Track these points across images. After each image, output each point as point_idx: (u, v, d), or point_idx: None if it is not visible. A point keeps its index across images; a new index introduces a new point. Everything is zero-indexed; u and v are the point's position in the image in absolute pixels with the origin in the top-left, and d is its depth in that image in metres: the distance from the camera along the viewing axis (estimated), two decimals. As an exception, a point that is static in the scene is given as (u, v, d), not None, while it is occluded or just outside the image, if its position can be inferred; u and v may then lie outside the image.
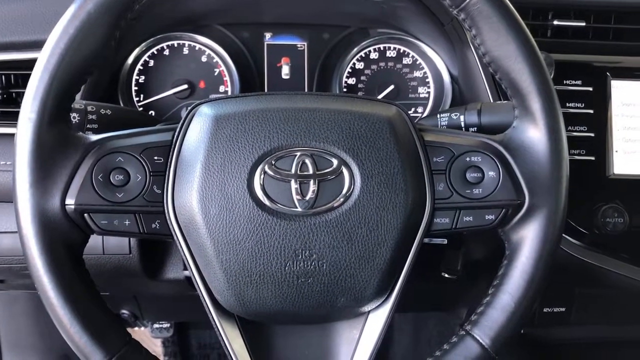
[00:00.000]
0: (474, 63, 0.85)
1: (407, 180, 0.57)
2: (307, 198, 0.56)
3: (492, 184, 0.60)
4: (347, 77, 0.96)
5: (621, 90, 0.84)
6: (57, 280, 0.55)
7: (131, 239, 0.81)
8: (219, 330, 0.59)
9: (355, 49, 0.95)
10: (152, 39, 0.91)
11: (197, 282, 0.58)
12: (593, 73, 0.85)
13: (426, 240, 0.85)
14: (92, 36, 0.55)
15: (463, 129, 0.73)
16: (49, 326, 1.27)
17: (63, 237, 0.56)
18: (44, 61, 0.55)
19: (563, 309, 0.95)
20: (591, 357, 1.03)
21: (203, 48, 0.93)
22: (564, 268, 0.86)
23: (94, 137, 0.58)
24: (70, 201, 0.56)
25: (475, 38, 0.60)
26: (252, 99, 0.60)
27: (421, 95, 0.98)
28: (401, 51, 0.97)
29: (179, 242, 0.57)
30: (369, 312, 0.61)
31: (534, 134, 0.59)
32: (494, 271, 0.64)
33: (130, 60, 0.90)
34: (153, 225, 0.58)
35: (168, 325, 1.33)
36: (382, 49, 0.97)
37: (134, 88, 0.92)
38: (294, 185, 0.56)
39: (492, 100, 0.83)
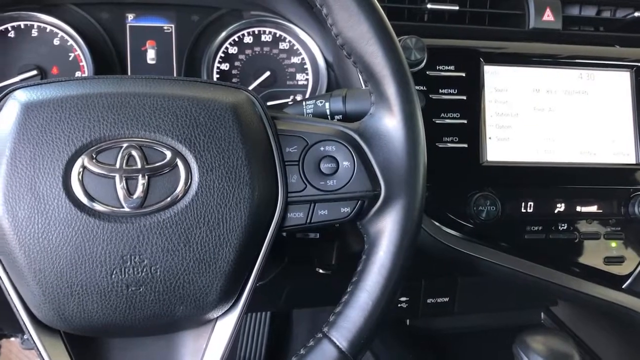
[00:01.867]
0: (346, 47, 0.81)
1: (253, 172, 0.52)
2: (135, 196, 0.49)
3: (347, 175, 0.56)
4: (220, 63, 0.90)
5: (494, 76, 0.83)
6: None
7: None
8: (39, 350, 0.51)
9: (225, 33, 0.88)
10: (-10, 19, 0.81)
11: (9, 295, 0.50)
12: (466, 58, 0.83)
13: (300, 235, 0.81)
14: None
15: (329, 117, 0.69)
16: None
17: None
18: None
19: (446, 299, 0.94)
20: (474, 345, 1.03)
21: (55, 30, 0.84)
22: (444, 259, 0.85)
23: None
24: None
25: (327, 18, 0.55)
26: (73, 84, 0.53)
27: (300, 82, 0.93)
28: (277, 35, 0.92)
29: None
30: (216, 319, 0.55)
31: (389, 121, 0.55)
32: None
33: (-36, 42, 0.80)
34: None
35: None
36: (256, 32, 0.91)
37: (-27, 74, 0.81)
38: (119, 181, 0.49)
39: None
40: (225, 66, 0.90)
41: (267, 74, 0.91)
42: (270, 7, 0.89)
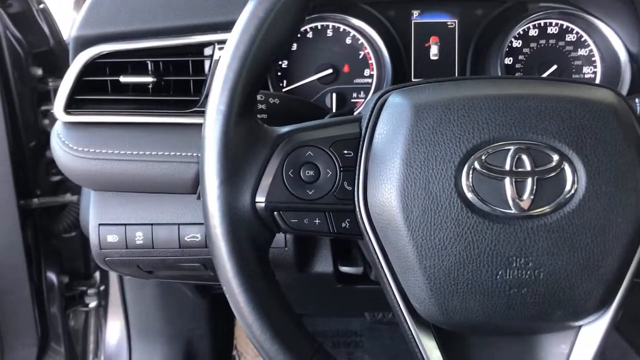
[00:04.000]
0: (666, 39, 0.74)
1: (637, 177, 0.50)
2: (524, 198, 0.49)
3: None
4: (504, 57, 0.88)
5: None
6: (247, 285, 0.51)
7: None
8: (416, 341, 0.54)
9: (511, 26, 0.86)
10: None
11: (391, 287, 0.53)
12: None
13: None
14: (282, 20, 0.51)
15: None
16: (175, 312, 1.29)
17: (251, 237, 0.52)
18: (233, 48, 0.50)
19: None
20: None
21: (347, 29, 0.88)
22: None
23: (281, 130, 0.54)
24: (260, 199, 0.52)
25: None
26: (450, 85, 0.54)
27: (586, 76, 0.88)
28: (564, 27, 0.87)
29: (372, 244, 0.52)
30: (580, 325, 0.54)
31: None
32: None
33: (277, 44, 0.86)
34: (343, 225, 0.53)
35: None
36: (542, 25, 0.88)
37: (278, 74, 0.88)
38: (508, 183, 0.49)
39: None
40: (508, 60, 0.88)
41: (554, 67, 0.87)
42: (564, -3, 0.85)
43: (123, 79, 0.75)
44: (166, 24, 0.76)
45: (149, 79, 0.75)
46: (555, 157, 0.49)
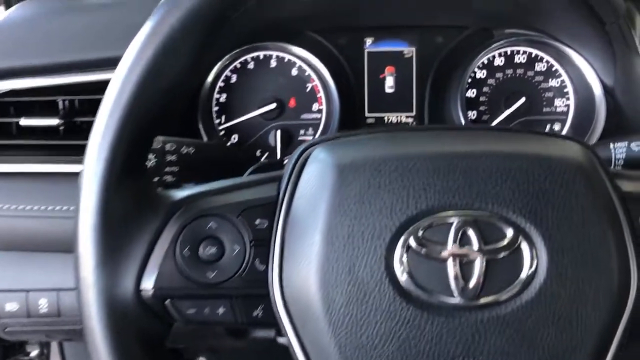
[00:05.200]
0: (643, 72, 0.66)
1: (611, 255, 0.40)
2: (472, 284, 0.40)
3: None
4: (466, 89, 0.79)
5: None
6: None
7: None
8: None
9: (474, 55, 0.77)
10: (235, 51, 0.77)
11: None
12: None
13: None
14: (175, 57, 0.42)
15: (650, 165, 0.55)
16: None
17: (138, 332, 0.42)
18: (116, 92, 0.41)
19: None
20: None
21: (293, 60, 0.79)
22: None
23: (178, 195, 0.44)
24: (147, 285, 0.42)
25: None
26: (382, 140, 0.45)
27: (558, 109, 0.79)
28: (533, 55, 0.79)
29: (290, 338, 0.43)
30: None
31: None
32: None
33: (210, 77, 0.76)
34: (255, 313, 0.44)
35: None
36: (508, 53, 0.79)
37: (214, 109, 0.78)
38: (451, 265, 0.40)
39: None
40: (471, 93, 0.79)
41: (523, 99, 0.78)
42: (533, 24, 0.76)
43: (24, 121, 0.65)
44: (77, 57, 0.67)
45: (54, 121, 0.65)
46: (510, 232, 0.40)
